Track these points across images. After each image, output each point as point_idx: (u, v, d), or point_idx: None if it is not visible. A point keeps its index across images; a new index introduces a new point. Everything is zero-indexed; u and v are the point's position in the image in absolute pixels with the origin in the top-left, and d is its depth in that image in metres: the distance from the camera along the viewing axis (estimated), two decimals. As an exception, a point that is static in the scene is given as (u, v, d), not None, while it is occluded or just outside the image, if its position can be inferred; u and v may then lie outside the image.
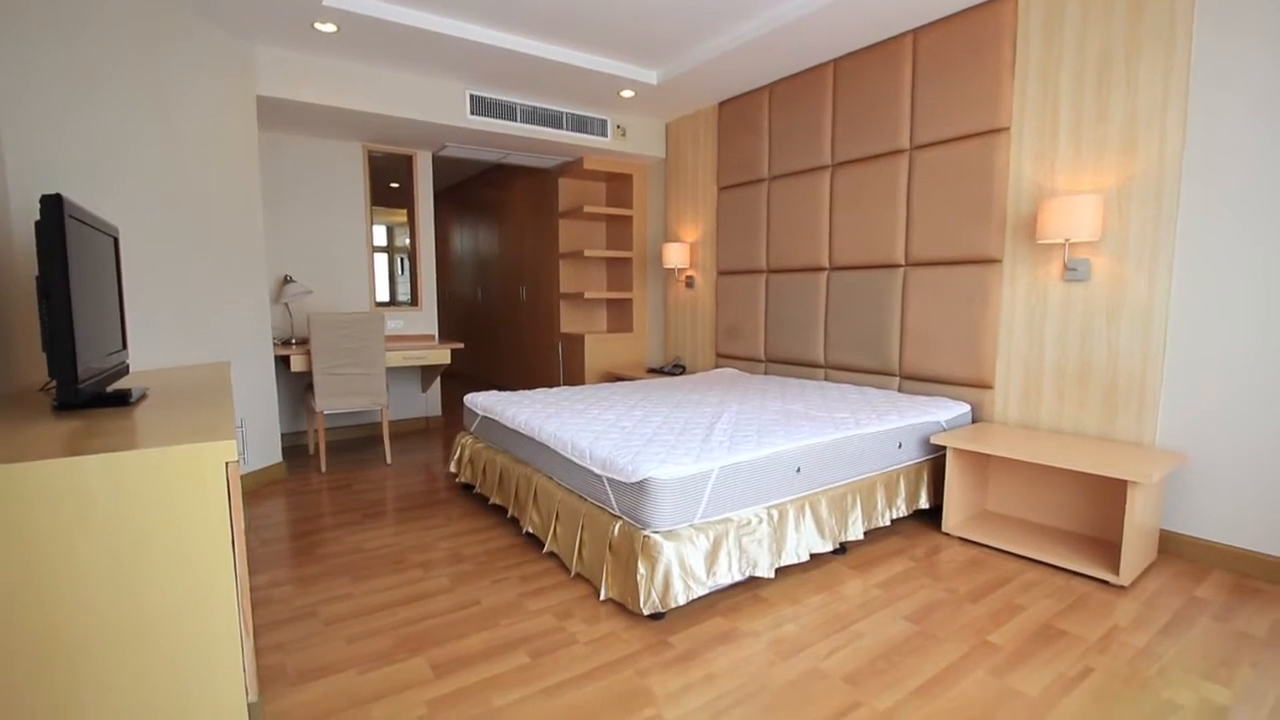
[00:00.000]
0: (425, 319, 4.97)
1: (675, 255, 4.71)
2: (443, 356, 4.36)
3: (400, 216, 4.84)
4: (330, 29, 3.16)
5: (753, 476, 2.20)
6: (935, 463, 2.94)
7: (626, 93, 4.19)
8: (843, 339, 3.69)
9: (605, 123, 4.63)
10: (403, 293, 4.92)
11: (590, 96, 4.26)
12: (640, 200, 5.31)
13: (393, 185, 4.76)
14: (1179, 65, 2.39)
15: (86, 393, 1.64)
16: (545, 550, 2.49)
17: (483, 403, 3.17)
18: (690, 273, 4.83)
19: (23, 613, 1.24)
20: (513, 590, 2.23)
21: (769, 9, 3.18)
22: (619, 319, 5.57)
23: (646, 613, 1.95)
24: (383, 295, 4.81)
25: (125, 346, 2.24)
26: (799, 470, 2.35)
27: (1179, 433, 2.48)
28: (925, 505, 2.88)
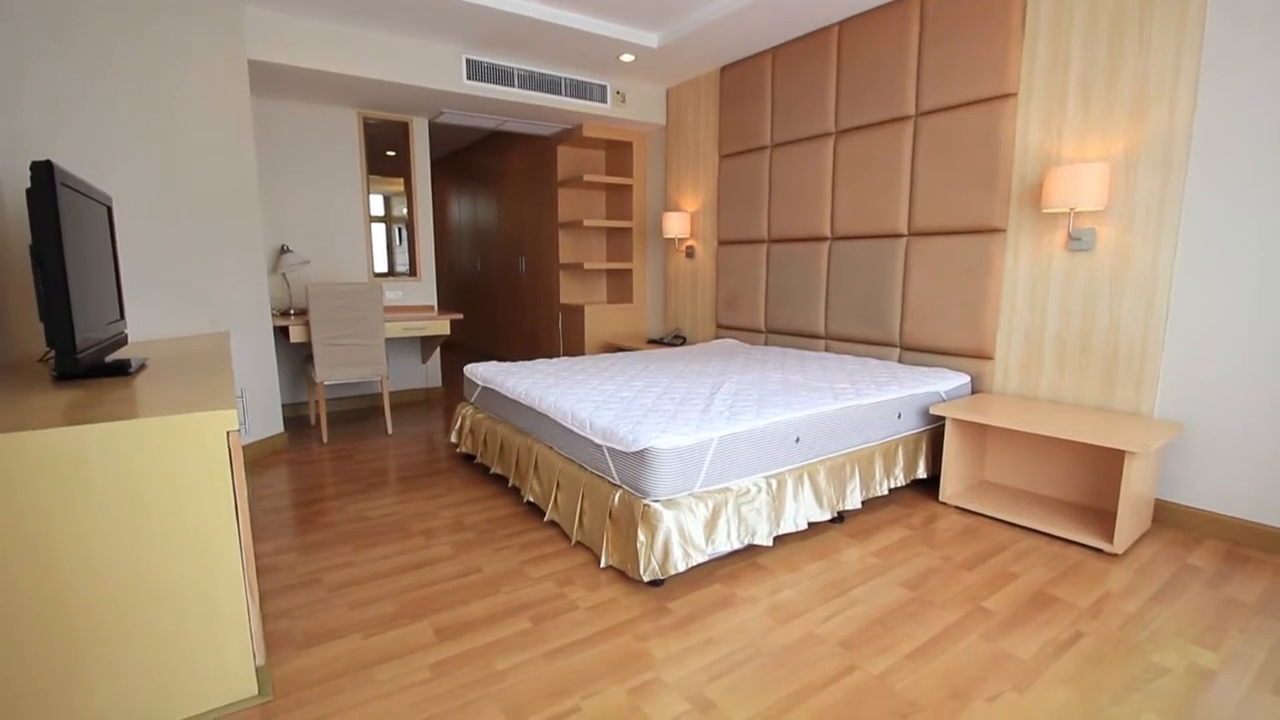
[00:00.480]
0: (424, 290, 4.94)
1: (675, 225, 4.66)
2: (442, 327, 4.35)
3: (397, 185, 4.78)
4: (321, -10, 3.07)
5: (752, 446, 2.21)
6: (934, 433, 2.95)
7: (626, 57, 4.10)
8: (844, 310, 3.67)
9: (605, 88, 4.53)
10: (401, 263, 4.89)
11: (589, 61, 4.16)
12: (640, 169, 5.24)
13: (389, 153, 4.68)
14: (1192, 29, 2.33)
15: (85, 362, 1.64)
16: (546, 519, 2.51)
17: (483, 373, 3.17)
18: (691, 243, 4.79)
19: (26, 581, 1.26)
20: (514, 558, 2.27)
21: (773, -31, 3.09)
22: (619, 290, 5.54)
23: (646, 579, 1.98)
24: (381, 266, 4.78)
25: (123, 317, 2.24)
26: (798, 440, 2.36)
27: (1178, 403, 2.49)
28: (923, 475, 2.90)
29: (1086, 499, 2.67)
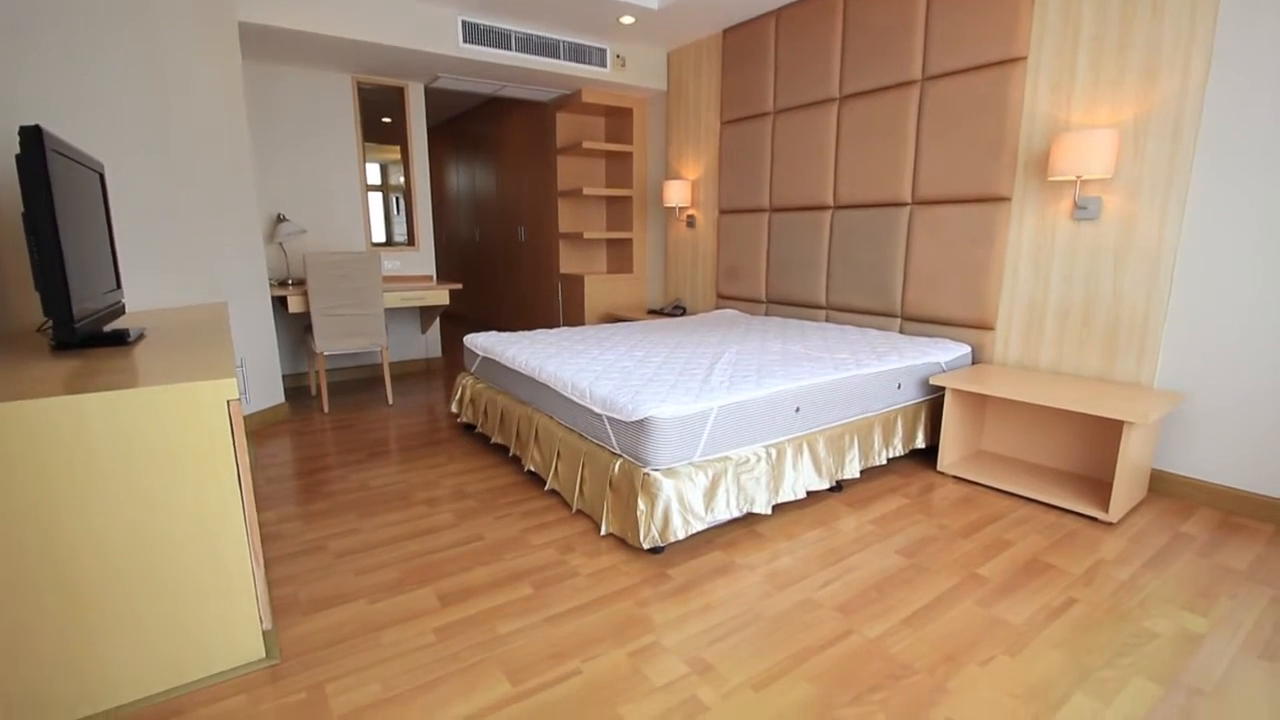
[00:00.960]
0: (422, 259, 4.90)
1: (676, 193, 4.60)
2: (441, 297, 4.33)
3: (394, 153, 4.70)
4: (312, -52, 2.98)
5: (752, 416, 2.22)
6: (933, 403, 2.96)
7: (626, 18, 3.99)
8: (845, 280, 3.65)
9: (604, 52, 4.43)
10: (399, 233, 4.84)
11: (589, 23, 4.06)
12: (640, 136, 5.15)
13: (385, 120, 4.60)
14: (1209, -11, 2.26)
15: (84, 332, 1.63)
16: (547, 488, 2.54)
17: (483, 343, 3.17)
18: (691, 211, 4.74)
19: (32, 550, 1.27)
20: (515, 526, 2.29)
21: (778, -74, 2.99)
22: (619, 260, 5.50)
23: (646, 547, 2.01)
24: (379, 235, 4.73)
25: (120, 286, 2.22)
26: (798, 410, 2.37)
27: (1178, 374, 2.49)
28: (922, 445, 2.92)
29: (1084, 469, 2.69)
